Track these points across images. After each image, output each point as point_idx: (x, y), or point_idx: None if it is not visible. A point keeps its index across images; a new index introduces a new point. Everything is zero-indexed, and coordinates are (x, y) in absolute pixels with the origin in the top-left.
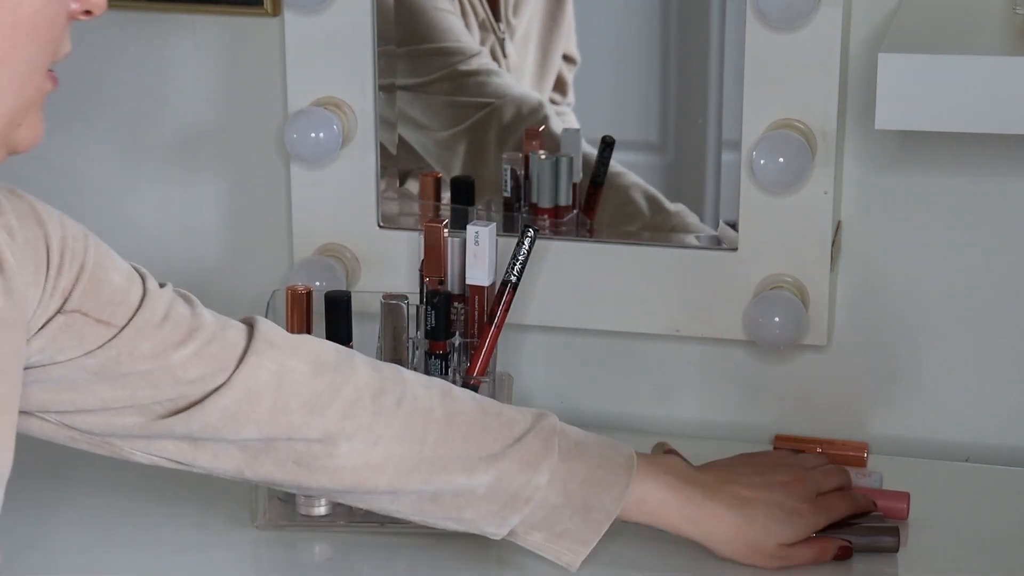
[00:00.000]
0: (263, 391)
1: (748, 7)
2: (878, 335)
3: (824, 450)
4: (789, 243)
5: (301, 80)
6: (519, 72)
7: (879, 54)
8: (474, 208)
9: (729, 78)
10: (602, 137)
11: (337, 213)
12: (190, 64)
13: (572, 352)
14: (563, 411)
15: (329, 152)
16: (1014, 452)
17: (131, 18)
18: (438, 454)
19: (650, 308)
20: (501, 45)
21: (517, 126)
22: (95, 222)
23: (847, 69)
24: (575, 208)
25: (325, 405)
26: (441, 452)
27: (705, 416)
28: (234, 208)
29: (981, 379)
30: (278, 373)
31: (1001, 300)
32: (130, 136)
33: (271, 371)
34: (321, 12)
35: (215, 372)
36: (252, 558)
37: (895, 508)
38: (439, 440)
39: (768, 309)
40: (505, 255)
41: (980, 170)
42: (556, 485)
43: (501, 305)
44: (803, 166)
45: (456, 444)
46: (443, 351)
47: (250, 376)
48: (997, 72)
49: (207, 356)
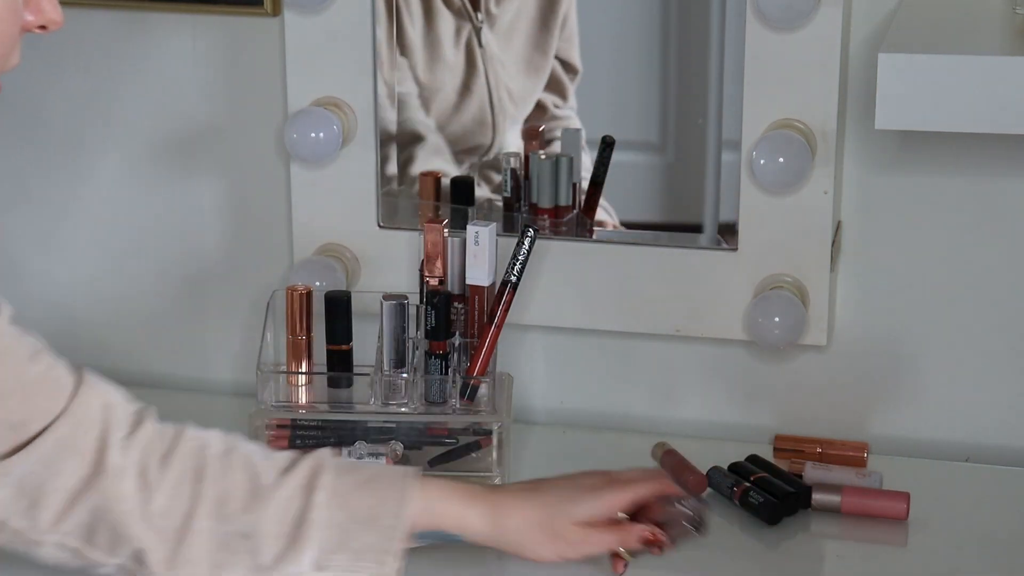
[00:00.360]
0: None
1: (748, 7)
2: (878, 335)
3: (824, 450)
4: (789, 243)
5: (301, 80)
6: (498, 63)
7: (879, 54)
8: (474, 208)
9: (729, 78)
10: (602, 137)
11: (337, 213)
12: (190, 64)
13: (572, 352)
14: (563, 411)
15: (329, 152)
16: (1014, 452)
17: (131, 18)
18: (218, 489)
19: (650, 308)
20: (477, 34)
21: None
22: (95, 222)
23: (847, 69)
24: (575, 208)
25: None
26: (221, 487)
27: (705, 416)
28: (234, 208)
29: (981, 379)
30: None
31: (1001, 300)
32: (130, 136)
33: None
34: (321, 12)
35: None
36: None
37: (895, 508)
38: (217, 477)
39: (768, 309)
40: (505, 255)
41: (980, 170)
42: (335, 501)
43: (501, 305)
44: (803, 166)
45: (235, 479)
46: (443, 351)
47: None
48: (997, 72)
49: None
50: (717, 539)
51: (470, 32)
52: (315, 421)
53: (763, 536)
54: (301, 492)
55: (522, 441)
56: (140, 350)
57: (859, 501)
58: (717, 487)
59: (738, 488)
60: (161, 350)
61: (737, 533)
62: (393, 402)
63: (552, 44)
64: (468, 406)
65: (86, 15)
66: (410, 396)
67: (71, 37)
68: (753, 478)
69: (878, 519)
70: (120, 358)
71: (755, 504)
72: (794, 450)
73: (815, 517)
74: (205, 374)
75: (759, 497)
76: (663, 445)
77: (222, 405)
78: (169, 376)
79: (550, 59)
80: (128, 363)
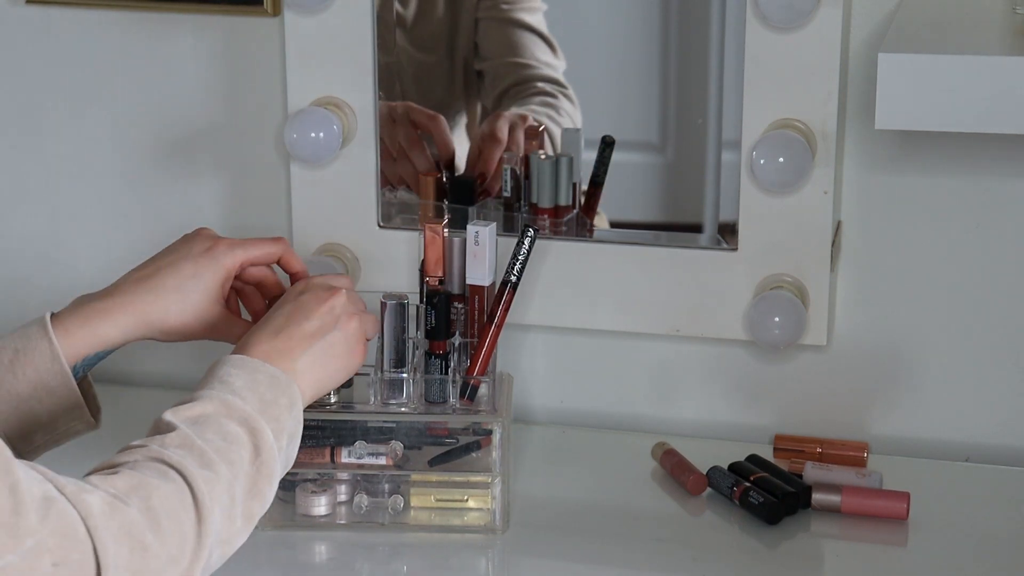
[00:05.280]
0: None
1: (748, 7)
2: (878, 335)
3: (824, 450)
4: (789, 243)
5: (301, 80)
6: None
7: (879, 54)
8: (474, 208)
9: (729, 78)
10: (602, 137)
11: (337, 213)
12: (190, 64)
13: (572, 352)
14: (563, 411)
15: (329, 152)
16: (1014, 452)
17: (131, 18)
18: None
19: (650, 308)
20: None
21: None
22: (95, 222)
23: (847, 69)
24: (575, 208)
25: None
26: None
27: (705, 416)
28: (234, 208)
29: (981, 379)
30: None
31: (1001, 300)
32: (130, 136)
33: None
34: (321, 12)
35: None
36: (252, 558)
37: (895, 508)
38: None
39: (768, 309)
40: (505, 255)
41: (980, 170)
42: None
43: (501, 305)
44: (803, 166)
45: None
46: (443, 351)
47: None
48: (997, 72)
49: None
50: (717, 539)
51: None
52: (315, 421)
53: (763, 536)
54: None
55: (522, 441)
56: (140, 350)
57: (859, 501)
58: (717, 487)
59: (738, 488)
60: (161, 350)
61: (737, 533)
62: (393, 402)
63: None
64: (468, 406)
65: (86, 15)
66: (410, 396)
67: (71, 37)
68: (753, 478)
69: (878, 519)
70: (120, 358)
71: (755, 504)
72: (794, 450)
73: (815, 517)
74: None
75: (759, 497)
76: (663, 445)
77: None
78: (169, 376)
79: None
80: (128, 363)
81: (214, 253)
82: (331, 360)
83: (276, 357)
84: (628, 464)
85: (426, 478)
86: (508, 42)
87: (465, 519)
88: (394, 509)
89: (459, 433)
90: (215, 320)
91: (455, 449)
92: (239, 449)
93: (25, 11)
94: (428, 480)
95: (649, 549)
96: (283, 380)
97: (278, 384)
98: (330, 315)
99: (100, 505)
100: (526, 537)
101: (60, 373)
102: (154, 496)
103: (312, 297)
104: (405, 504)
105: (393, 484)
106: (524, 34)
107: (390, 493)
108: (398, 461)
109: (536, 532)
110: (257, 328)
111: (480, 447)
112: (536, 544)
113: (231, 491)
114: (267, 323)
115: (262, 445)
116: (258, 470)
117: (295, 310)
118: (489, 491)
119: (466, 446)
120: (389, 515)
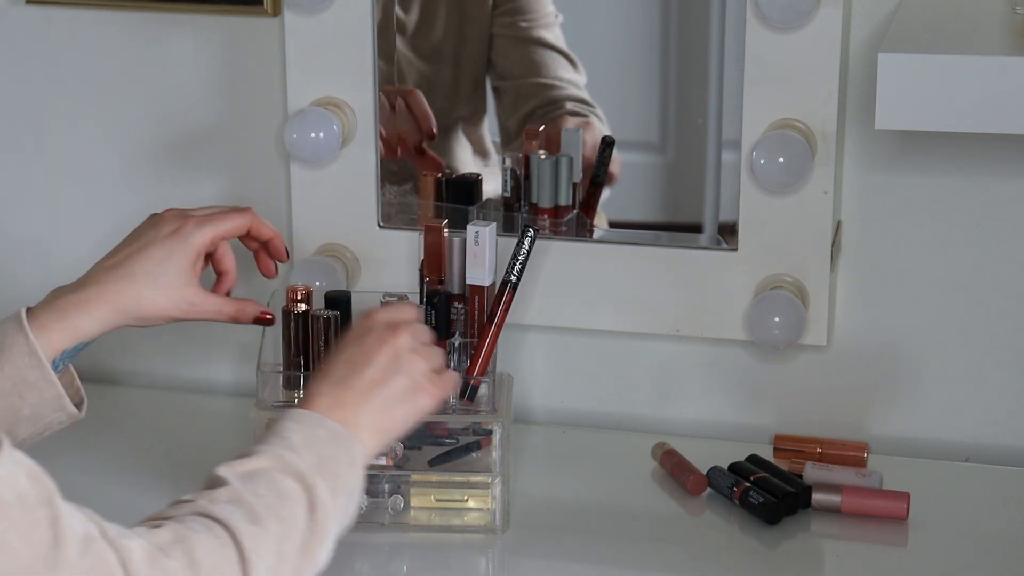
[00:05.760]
0: None
1: (748, 7)
2: (878, 335)
3: (824, 450)
4: (789, 243)
5: (301, 80)
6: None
7: (879, 54)
8: (474, 208)
9: (729, 78)
10: (602, 137)
11: (337, 213)
12: (190, 64)
13: (572, 352)
14: (563, 411)
15: (329, 152)
16: (1014, 452)
17: (131, 18)
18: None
19: (650, 308)
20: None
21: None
22: (95, 222)
23: (847, 69)
24: (575, 208)
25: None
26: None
27: (705, 416)
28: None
29: (981, 379)
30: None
31: (1001, 300)
32: (130, 136)
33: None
34: (321, 12)
35: None
36: None
37: (895, 508)
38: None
39: (768, 309)
40: (505, 255)
41: (980, 170)
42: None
43: (501, 305)
44: (803, 166)
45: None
46: (443, 351)
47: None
48: (997, 72)
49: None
50: (717, 539)
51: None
52: None
53: (763, 536)
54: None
55: (522, 441)
56: (140, 350)
57: (859, 501)
58: (717, 487)
59: (738, 488)
60: (161, 350)
61: (737, 533)
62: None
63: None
64: (468, 406)
65: (86, 15)
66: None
67: (71, 37)
68: (753, 478)
69: (878, 519)
70: (120, 358)
71: (755, 504)
72: (794, 450)
73: (815, 517)
74: (205, 374)
75: (759, 497)
76: (663, 445)
77: (222, 405)
78: (169, 376)
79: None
80: (128, 363)
81: (182, 233)
82: (397, 407)
83: (338, 410)
84: (628, 464)
85: (426, 478)
86: (529, 61)
87: (465, 519)
88: (394, 509)
89: (459, 433)
90: (190, 301)
91: (455, 449)
92: (293, 505)
93: (25, 11)
94: (428, 480)
95: (649, 549)
96: (343, 435)
97: (338, 439)
98: (393, 360)
99: (141, 552)
100: (526, 537)
101: (38, 367)
102: (197, 549)
103: (375, 340)
104: (405, 504)
105: (393, 484)
106: (545, 52)
107: (390, 493)
108: (398, 461)
109: (536, 532)
110: (320, 378)
111: (480, 447)
112: (536, 544)
113: (280, 547)
114: (330, 372)
115: (317, 502)
116: (311, 528)
117: (357, 356)
118: (489, 491)
119: (466, 446)
120: (389, 515)
